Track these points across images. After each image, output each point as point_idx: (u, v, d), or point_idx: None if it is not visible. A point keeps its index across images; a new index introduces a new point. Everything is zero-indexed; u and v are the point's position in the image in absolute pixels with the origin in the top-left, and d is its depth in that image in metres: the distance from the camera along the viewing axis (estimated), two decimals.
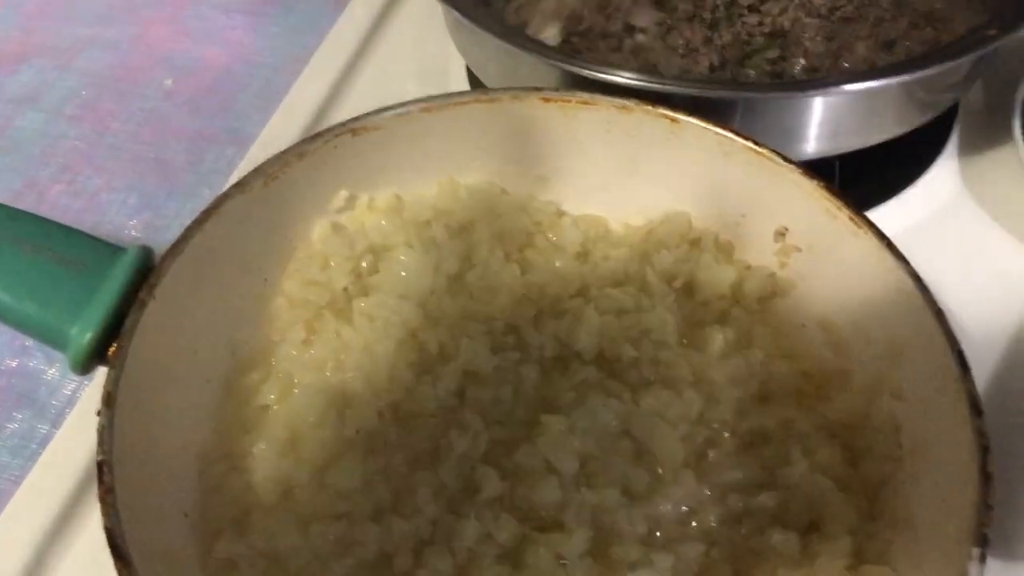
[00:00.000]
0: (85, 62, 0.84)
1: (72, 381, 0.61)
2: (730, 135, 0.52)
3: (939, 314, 0.45)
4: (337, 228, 0.55)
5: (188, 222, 0.48)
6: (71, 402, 0.60)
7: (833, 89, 0.53)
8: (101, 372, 0.50)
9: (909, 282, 0.46)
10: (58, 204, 0.70)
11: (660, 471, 0.47)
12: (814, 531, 0.45)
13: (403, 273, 0.53)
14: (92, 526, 0.53)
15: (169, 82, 0.81)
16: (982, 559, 0.38)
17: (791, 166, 0.51)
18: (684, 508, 0.46)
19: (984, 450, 0.40)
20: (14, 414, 0.60)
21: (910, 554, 0.43)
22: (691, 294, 0.55)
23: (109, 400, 0.42)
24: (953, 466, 0.42)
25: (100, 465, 0.40)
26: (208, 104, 0.79)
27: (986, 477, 0.40)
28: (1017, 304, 0.61)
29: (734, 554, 0.45)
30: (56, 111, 0.79)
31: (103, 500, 0.39)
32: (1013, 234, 0.64)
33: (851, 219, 0.49)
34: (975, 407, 0.42)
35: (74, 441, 0.56)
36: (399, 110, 0.54)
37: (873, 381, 0.49)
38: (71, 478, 0.54)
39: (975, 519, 0.39)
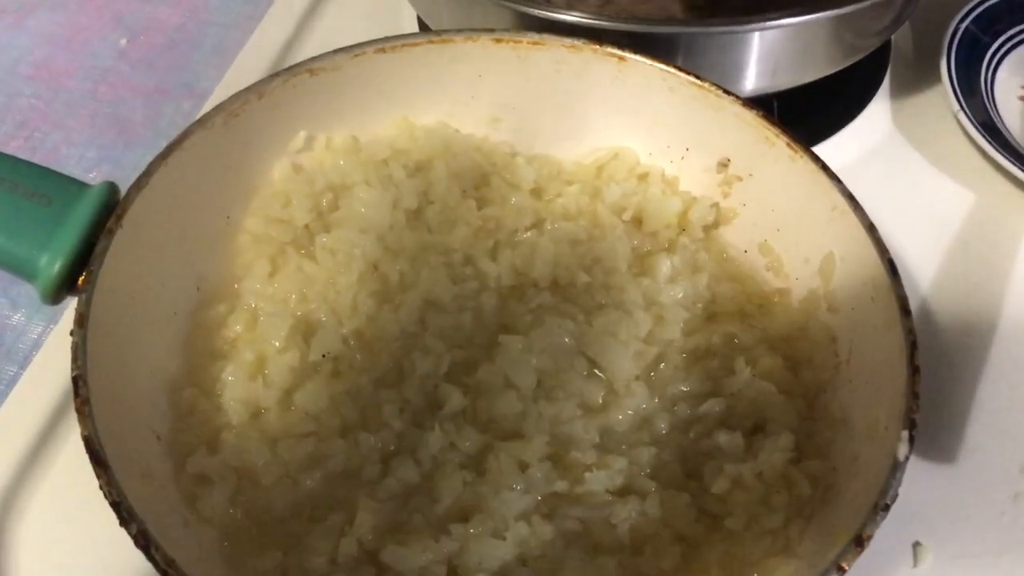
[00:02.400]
0: (36, 22, 0.84)
1: (38, 325, 0.62)
2: (674, 71, 0.55)
3: (870, 227, 0.48)
4: (297, 168, 0.57)
5: None
6: (37, 345, 0.61)
7: (770, 23, 0.56)
8: (66, 319, 0.52)
9: (842, 201, 0.49)
10: None
11: (613, 385, 0.50)
12: (758, 432, 0.48)
13: (362, 210, 0.55)
14: (61, 460, 0.54)
15: (123, 41, 0.81)
16: (910, 441, 0.41)
17: (731, 98, 0.54)
18: (636, 417, 0.49)
19: (912, 345, 0.43)
20: None
21: (847, 449, 0.46)
22: (640, 225, 0.57)
23: (81, 320, 0.43)
24: (884, 365, 0.45)
25: (75, 380, 0.41)
26: (163, 62, 0.79)
27: (914, 369, 0.43)
28: (945, 232, 0.64)
29: (683, 455, 0.48)
30: (10, 70, 0.79)
31: (80, 411, 0.41)
32: (942, 170, 0.68)
33: (788, 145, 0.52)
34: (904, 308, 0.45)
35: (42, 379, 0.57)
36: (355, 51, 0.56)
37: (810, 297, 0.52)
38: (41, 413, 0.55)
39: (904, 406, 0.42)
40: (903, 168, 0.68)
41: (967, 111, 0.66)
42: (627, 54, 0.55)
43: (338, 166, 0.57)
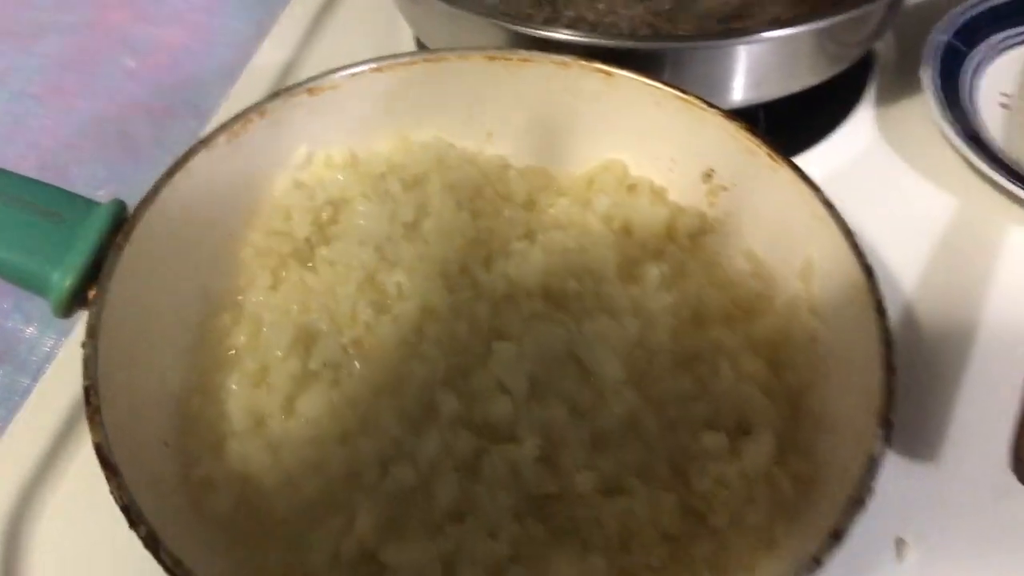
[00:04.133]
0: (45, 46, 0.86)
1: (50, 338, 0.64)
2: (659, 85, 0.57)
3: (848, 233, 0.50)
4: (298, 183, 0.59)
5: None
6: (49, 358, 0.63)
7: (750, 38, 0.58)
8: (77, 331, 0.54)
9: (821, 208, 0.51)
10: None
11: (603, 388, 0.52)
12: (743, 434, 0.50)
13: (361, 222, 0.57)
14: (74, 470, 0.56)
15: (131, 62, 0.84)
16: (887, 439, 0.43)
17: (714, 110, 0.56)
18: (625, 419, 0.51)
19: (887, 344, 0.45)
20: None
21: (829, 448, 0.48)
22: (629, 234, 0.59)
23: (92, 332, 0.45)
24: (862, 365, 0.47)
25: (87, 390, 0.44)
26: (169, 81, 0.82)
27: (889, 368, 0.45)
28: (930, 239, 0.66)
29: (671, 456, 0.49)
30: (20, 92, 0.81)
31: (91, 420, 0.43)
32: (926, 177, 0.69)
33: (769, 155, 0.54)
34: (879, 309, 0.47)
35: (54, 391, 0.59)
36: (352, 70, 0.58)
37: (792, 301, 0.54)
38: (53, 423, 0.58)
39: (879, 404, 0.44)
40: (887, 175, 0.70)
41: (950, 120, 0.68)
42: (614, 69, 0.57)
43: (337, 181, 0.59)
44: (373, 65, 0.58)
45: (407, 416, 0.50)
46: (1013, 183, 0.64)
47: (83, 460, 0.56)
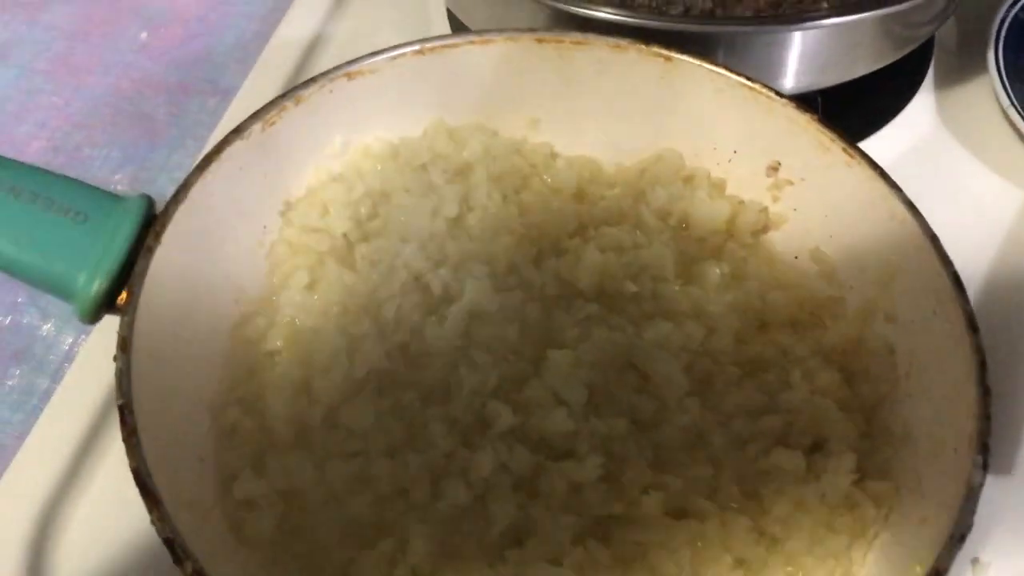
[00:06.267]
0: (50, 15, 0.82)
1: (69, 335, 0.60)
2: (723, 71, 0.53)
3: (933, 238, 0.47)
4: (334, 175, 0.55)
5: (175, 174, 0.48)
6: (69, 357, 0.59)
7: (815, 23, 0.54)
8: (97, 328, 0.51)
9: (902, 209, 0.48)
10: (39, 161, 0.68)
11: (665, 399, 0.49)
12: (817, 450, 0.47)
13: (402, 218, 0.54)
14: (100, 477, 0.53)
15: (144, 34, 0.79)
16: (984, 467, 0.40)
17: (784, 100, 0.52)
18: (690, 433, 0.48)
19: (982, 365, 0.42)
20: (11, 370, 0.59)
21: (910, 468, 0.45)
22: (686, 230, 0.56)
23: (124, 345, 0.42)
24: (950, 382, 0.44)
25: (121, 408, 0.40)
26: (185, 55, 0.77)
27: (984, 391, 0.42)
28: (994, 231, 0.63)
29: (741, 475, 0.46)
30: (27, 66, 0.77)
31: (127, 442, 0.39)
32: (988, 165, 0.66)
33: (844, 150, 0.50)
34: (972, 325, 0.43)
35: (76, 394, 0.56)
36: (393, 52, 0.54)
37: (866, 307, 0.50)
38: (77, 431, 0.54)
39: (976, 428, 0.41)
40: (949, 164, 0.67)
41: (1017, 105, 0.64)
42: (674, 54, 0.53)
43: (376, 172, 0.55)
44: (416, 47, 0.54)
45: (458, 428, 0.47)
46: None
47: (109, 468, 0.53)
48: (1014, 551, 0.50)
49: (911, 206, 0.48)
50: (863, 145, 0.65)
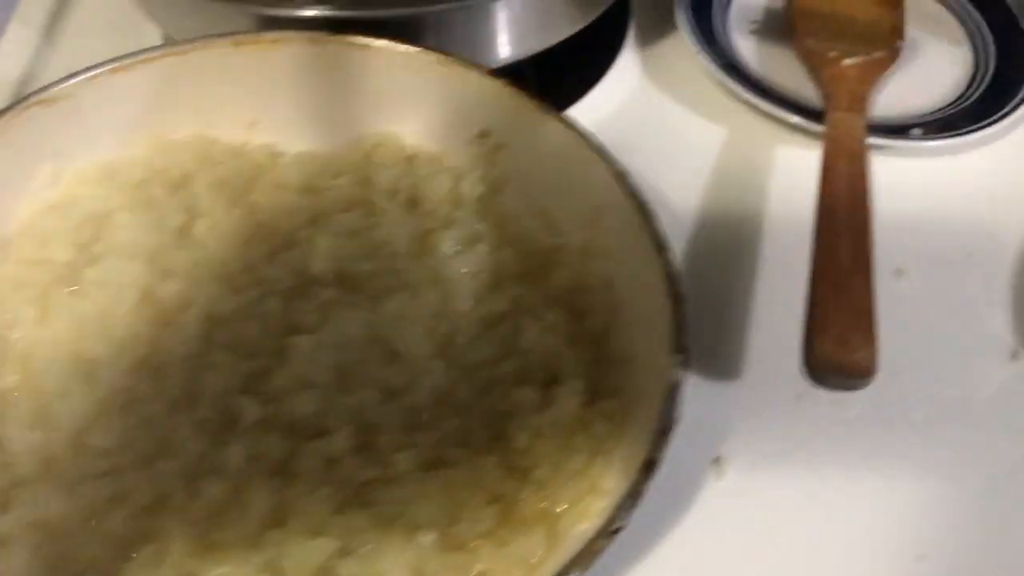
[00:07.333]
0: None
1: None
2: (417, 50, 0.56)
3: (619, 175, 0.51)
4: (49, 205, 0.54)
5: None
6: None
7: None
8: None
9: (591, 153, 0.52)
10: None
11: (412, 366, 0.51)
12: (553, 383, 0.50)
13: (126, 236, 0.53)
14: None
15: None
16: (684, 365, 0.44)
17: (478, 70, 0.55)
18: (438, 391, 0.50)
19: (671, 276, 0.47)
20: None
21: (635, 385, 0.49)
22: (416, 205, 0.58)
23: None
24: (652, 299, 0.48)
25: None
26: None
27: (676, 298, 0.46)
28: (705, 169, 0.68)
29: (487, 419, 0.49)
30: None
31: None
32: (695, 111, 0.72)
33: (536, 108, 0.54)
34: (659, 244, 0.48)
35: None
36: (87, 74, 0.53)
37: (583, 248, 0.54)
38: None
39: (672, 333, 0.45)
40: (657, 115, 0.72)
41: (707, 53, 0.71)
42: (368, 40, 0.56)
43: (93, 195, 0.55)
44: (112, 66, 0.54)
45: (207, 429, 0.48)
46: (771, 105, 0.68)
47: None
48: (749, 445, 0.54)
49: (600, 150, 0.52)
50: (577, 108, 0.71)
